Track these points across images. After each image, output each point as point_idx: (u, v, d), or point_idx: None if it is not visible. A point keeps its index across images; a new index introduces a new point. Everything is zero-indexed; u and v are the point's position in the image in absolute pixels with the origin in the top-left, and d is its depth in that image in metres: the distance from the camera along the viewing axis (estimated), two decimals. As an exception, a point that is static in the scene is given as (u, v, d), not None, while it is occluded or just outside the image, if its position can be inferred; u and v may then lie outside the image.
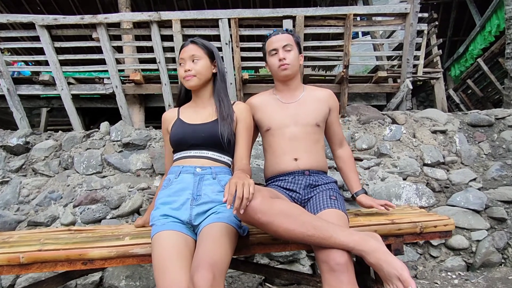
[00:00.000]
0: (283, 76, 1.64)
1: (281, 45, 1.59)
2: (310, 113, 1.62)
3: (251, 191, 1.09)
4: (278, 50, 1.60)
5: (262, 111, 1.68)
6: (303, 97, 1.68)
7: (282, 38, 1.60)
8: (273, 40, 1.61)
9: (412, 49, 3.29)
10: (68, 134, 2.87)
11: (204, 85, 1.55)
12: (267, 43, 1.65)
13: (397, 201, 2.49)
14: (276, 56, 1.61)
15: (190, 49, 1.51)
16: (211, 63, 1.56)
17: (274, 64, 1.62)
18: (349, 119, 2.99)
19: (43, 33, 2.95)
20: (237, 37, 3.11)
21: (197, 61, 1.51)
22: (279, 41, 1.59)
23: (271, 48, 1.61)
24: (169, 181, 1.43)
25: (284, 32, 1.62)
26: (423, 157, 2.64)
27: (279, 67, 1.61)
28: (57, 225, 2.41)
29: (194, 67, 1.50)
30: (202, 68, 1.51)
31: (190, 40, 1.54)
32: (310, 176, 1.53)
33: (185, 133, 1.48)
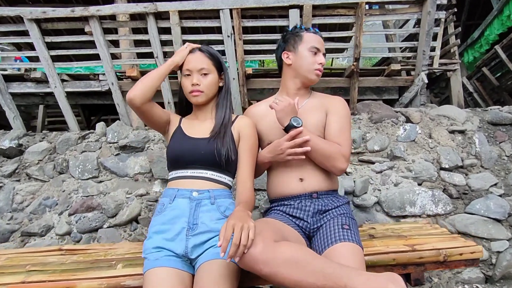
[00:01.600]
0: (314, 80, 1.49)
1: (323, 50, 1.47)
2: (313, 123, 1.44)
3: (250, 237, 0.94)
4: (320, 52, 1.46)
5: (263, 122, 1.50)
6: (306, 105, 1.50)
7: (323, 43, 1.50)
8: (316, 38, 1.47)
9: (429, 40, 3.04)
10: (62, 136, 2.72)
11: (209, 100, 1.42)
12: (306, 34, 1.47)
13: (411, 208, 2.33)
14: (315, 57, 1.45)
15: (198, 60, 1.36)
16: (218, 76, 1.42)
17: (312, 62, 1.45)
18: (359, 117, 2.80)
19: (32, 27, 2.75)
20: (239, 28, 2.88)
21: (206, 76, 1.36)
22: (321, 44, 1.47)
23: (314, 45, 1.45)
24: (163, 206, 1.29)
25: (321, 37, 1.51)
26: (440, 160, 2.46)
27: (316, 70, 1.46)
28: (51, 235, 2.29)
29: (203, 81, 1.36)
30: (210, 84, 1.37)
31: (198, 49, 1.39)
32: (319, 200, 1.37)
33: (183, 149, 1.33)
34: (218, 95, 1.44)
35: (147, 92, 1.31)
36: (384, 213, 2.36)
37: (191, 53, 1.38)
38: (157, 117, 1.39)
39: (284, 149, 1.28)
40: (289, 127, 1.30)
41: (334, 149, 1.34)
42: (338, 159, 1.33)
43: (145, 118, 1.38)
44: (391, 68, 3.14)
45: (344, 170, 1.35)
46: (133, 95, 1.28)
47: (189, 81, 1.36)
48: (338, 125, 1.42)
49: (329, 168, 1.35)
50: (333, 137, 1.39)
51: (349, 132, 1.43)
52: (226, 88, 1.45)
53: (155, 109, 1.38)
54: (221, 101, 1.42)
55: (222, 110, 1.40)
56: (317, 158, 1.35)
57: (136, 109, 1.31)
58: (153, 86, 1.33)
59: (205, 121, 1.42)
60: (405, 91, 3.37)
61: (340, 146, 1.36)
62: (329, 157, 1.33)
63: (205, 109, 1.43)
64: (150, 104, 1.34)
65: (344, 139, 1.38)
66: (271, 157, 1.36)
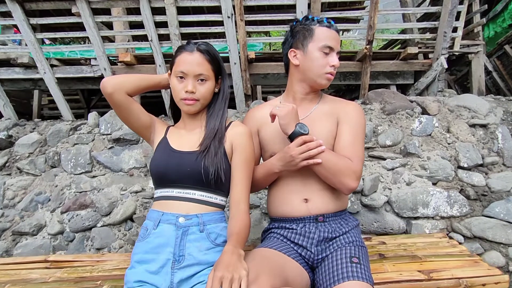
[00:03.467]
0: (324, 85, 1.28)
1: (337, 47, 1.24)
2: (322, 133, 1.24)
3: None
4: (333, 53, 1.23)
5: (267, 129, 1.31)
6: (315, 112, 1.30)
7: (338, 38, 1.27)
8: (331, 34, 1.24)
9: (451, 20, 2.74)
10: (53, 128, 2.57)
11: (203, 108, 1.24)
12: (317, 30, 1.23)
13: (424, 210, 2.16)
14: (327, 58, 1.23)
15: (196, 63, 1.15)
16: (216, 81, 1.22)
17: (322, 65, 1.23)
18: (371, 107, 2.57)
19: (15, 8, 2.52)
20: (241, 8, 2.61)
21: (203, 83, 1.17)
22: (336, 41, 1.24)
23: (327, 44, 1.22)
24: (146, 231, 1.14)
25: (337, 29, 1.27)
26: (459, 158, 2.25)
27: (327, 74, 1.24)
28: (43, 235, 2.20)
29: (200, 89, 1.16)
30: (207, 92, 1.18)
31: (197, 48, 1.16)
32: (325, 224, 1.20)
33: (168, 165, 1.16)
34: (212, 102, 1.24)
35: (125, 83, 1.16)
36: (395, 214, 2.21)
37: (187, 52, 1.16)
38: (135, 116, 1.22)
39: (295, 155, 1.11)
40: (295, 134, 1.12)
41: (344, 164, 1.15)
42: (347, 176, 1.14)
43: (121, 114, 1.21)
44: (407, 51, 2.86)
45: (353, 189, 1.16)
46: (107, 80, 1.15)
47: (183, 86, 1.15)
48: (351, 137, 1.21)
49: (337, 185, 1.17)
50: (344, 150, 1.20)
51: (362, 145, 1.23)
52: (223, 95, 1.25)
53: (134, 106, 1.20)
54: (215, 110, 1.22)
55: (215, 120, 1.20)
56: (323, 174, 1.16)
57: (108, 97, 1.15)
58: (134, 82, 1.19)
59: (193, 131, 1.23)
60: (422, 75, 3.10)
61: (351, 161, 1.17)
62: (337, 173, 1.14)
63: (196, 118, 1.25)
64: (127, 98, 1.17)
65: (356, 154, 1.19)
66: (282, 165, 1.18)
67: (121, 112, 1.20)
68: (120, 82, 1.16)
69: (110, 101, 1.17)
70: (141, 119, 1.23)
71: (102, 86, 1.14)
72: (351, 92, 4.47)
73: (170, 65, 1.22)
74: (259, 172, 1.26)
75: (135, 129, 1.26)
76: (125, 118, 1.22)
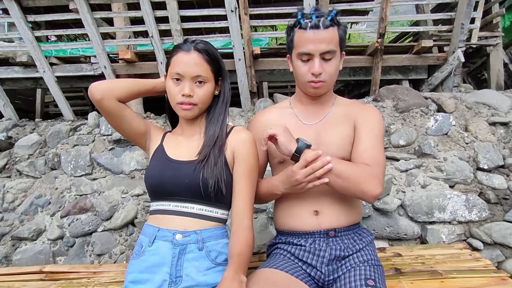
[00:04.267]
0: (313, 93, 1.15)
1: (319, 51, 1.06)
2: (336, 140, 1.13)
3: None
4: (314, 58, 1.07)
5: None
6: (330, 115, 1.18)
7: (324, 37, 1.05)
8: (308, 37, 1.06)
9: (470, 10, 2.56)
10: (53, 128, 2.49)
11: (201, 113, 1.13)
12: (296, 35, 1.10)
13: (440, 214, 2.04)
14: (307, 65, 1.09)
15: (194, 64, 1.03)
16: (215, 83, 1.10)
17: (302, 74, 1.11)
18: (383, 104, 2.43)
19: (12, 5, 2.44)
20: (245, 2, 2.48)
21: (201, 85, 1.05)
22: (319, 42, 1.05)
23: (303, 50, 1.07)
24: (141, 248, 1.04)
25: (327, 24, 1.05)
26: (478, 159, 2.11)
27: (309, 82, 1.10)
28: (43, 240, 2.14)
29: (197, 92, 1.05)
30: (206, 95, 1.07)
31: (194, 47, 1.05)
32: (337, 240, 1.09)
33: (164, 176, 1.06)
34: (211, 106, 1.14)
35: (115, 89, 1.07)
36: (408, 218, 2.09)
37: (184, 51, 1.05)
38: (127, 123, 1.12)
39: (301, 178, 0.98)
40: (301, 149, 1.00)
41: (362, 171, 1.01)
42: (368, 182, 0.99)
43: (112, 122, 1.12)
44: (421, 44, 2.70)
45: (377, 195, 1.00)
46: (95, 85, 1.05)
47: (179, 89, 1.04)
48: (370, 141, 1.09)
49: (358, 195, 1.02)
50: (363, 155, 1.07)
51: (382, 150, 1.10)
52: (223, 99, 1.14)
53: (126, 113, 1.11)
54: (215, 115, 1.12)
55: (215, 126, 1.10)
56: (341, 185, 1.00)
57: (97, 103, 1.06)
58: (125, 88, 1.09)
59: (192, 137, 1.13)
60: (436, 70, 2.94)
61: (369, 166, 1.03)
62: (356, 182, 0.99)
63: (194, 123, 1.14)
64: (117, 105, 1.07)
65: (375, 158, 1.06)
66: (286, 188, 1.06)
67: (112, 119, 1.10)
68: (109, 87, 1.06)
69: (99, 108, 1.07)
70: (134, 126, 1.13)
71: (90, 92, 1.04)
72: (360, 87, 4.31)
73: (165, 66, 1.11)
74: (262, 188, 1.15)
75: (129, 136, 1.17)
76: (117, 125, 1.13)
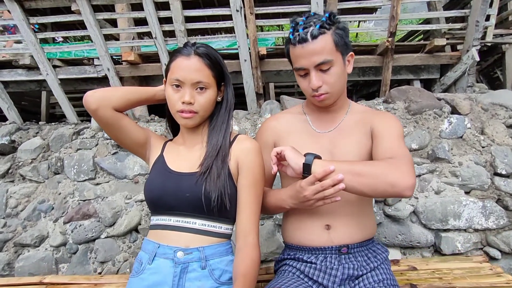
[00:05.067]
0: (321, 105, 1.09)
1: (312, 64, 0.98)
2: (352, 148, 1.06)
3: None
4: (310, 72, 1.00)
5: (286, 140, 1.13)
6: (344, 123, 1.11)
7: (314, 49, 0.97)
8: (298, 52, 0.99)
9: (485, 7, 2.46)
10: (56, 132, 2.45)
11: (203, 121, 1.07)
12: (290, 50, 1.04)
13: (455, 221, 1.95)
14: (306, 80, 1.02)
15: (194, 69, 0.97)
16: (218, 89, 1.03)
17: (304, 89, 1.06)
18: (394, 106, 2.34)
19: (14, 7, 2.40)
20: (250, 1, 2.41)
21: (202, 92, 0.99)
22: (309, 55, 0.98)
23: (296, 66, 1.02)
24: (140, 265, 0.98)
25: (315, 34, 0.96)
26: (495, 163, 2.01)
27: (313, 96, 1.05)
28: (46, 247, 2.10)
29: (198, 99, 0.99)
30: (207, 103, 1.00)
31: (194, 51, 0.98)
32: (349, 257, 1.02)
33: (164, 189, 1.00)
34: (214, 113, 1.07)
35: (111, 97, 1.01)
36: (422, 225, 2.00)
37: (183, 56, 0.98)
38: (126, 134, 1.06)
39: (310, 195, 0.91)
40: (309, 161, 0.91)
41: (385, 163, 0.91)
42: (396, 171, 0.87)
43: (110, 133, 1.07)
44: (434, 43, 2.60)
45: (411, 186, 0.86)
46: (90, 94, 1.00)
47: (179, 96, 0.98)
48: (389, 142, 0.99)
49: (390, 190, 0.87)
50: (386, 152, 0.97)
51: (405, 146, 0.99)
52: (226, 105, 1.07)
53: (123, 123, 1.04)
54: (218, 123, 1.05)
55: (218, 135, 1.03)
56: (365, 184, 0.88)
57: (93, 113, 1.00)
58: (122, 96, 1.03)
59: (194, 147, 1.07)
60: (449, 69, 2.84)
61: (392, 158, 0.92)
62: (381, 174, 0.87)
63: (196, 132, 1.08)
64: (114, 114, 1.02)
65: (398, 152, 0.95)
66: (294, 203, 0.99)
67: (109, 130, 1.04)
68: (105, 96, 1.00)
69: (95, 118, 1.01)
70: (133, 137, 1.07)
71: (84, 101, 0.98)
72: (369, 86, 4.21)
73: (165, 72, 1.05)
74: (270, 200, 1.07)
75: (128, 147, 1.11)
76: (115, 136, 1.07)
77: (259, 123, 2.34)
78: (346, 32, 1.02)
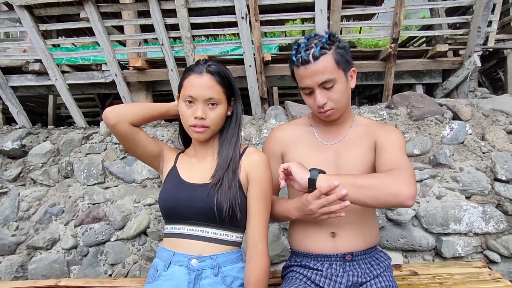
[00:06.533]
0: (328, 120, 1.15)
1: (316, 83, 1.04)
2: (356, 161, 1.11)
3: None
4: (314, 90, 1.06)
5: (293, 152, 1.19)
6: (349, 135, 1.17)
7: (317, 69, 1.03)
8: (302, 73, 1.06)
9: (487, 13, 2.49)
10: (66, 137, 2.51)
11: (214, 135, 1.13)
12: (294, 71, 1.11)
13: (456, 226, 2.00)
14: (312, 97, 1.09)
15: (206, 86, 1.03)
16: (228, 104, 1.09)
17: (310, 106, 1.14)
18: (396, 112, 2.39)
19: (24, 14, 2.46)
20: (255, 8, 2.46)
21: (214, 107, 1.05)
22: (313, 75, 1.04)
23: (301, 85, 1.09)
24: (156, 272, 1.04)
25: (316, 56, 1.02)
26: (495, 169, 2.06)
27: (319, 113, 1.11)
28: (57, 249, 2.17)
29: (210, 115, 1.05)
30: (218, 118, 1.06)
31: (206, 69, 1.04)
32: (354, 265, 1.08)
33: (178, 200, 1.05)
34: (224, 127, 1.13)
35: (128, 113, 1.09)
36: (423, 229, 2.05)
37: (196, 74, 1.04)
38: (142, 147, 1.13)
39: (315, 209, 0.97)
40: (315, 175, 0.96)
41: (386, 175, 0.96)
42: (397, 182, 0.92)
43: (126, 146, 1.15)
44: (436, 49, 2.64)
45: (413, 195, 0.91)
46: (109, 110, 1.08)
47: (192, 111, 1.04)
48: (391, 153, 1.05)
49: (392, 201, 0.93)
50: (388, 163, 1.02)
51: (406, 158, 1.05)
52: (236, 120, 1.13)
53: (139, 136, 1.12)
54: (228, 137, 1.11)
55: (228, 148, 1.09)
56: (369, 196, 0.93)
57: (112, 128, 1.08)
58: (138, 112, 1.11)
59: (205, 159, 1.12)
60: (451, 74, 2.88)
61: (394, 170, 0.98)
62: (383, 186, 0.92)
63: (207, 145, 1.13)
64: (131, 129, 1.09)
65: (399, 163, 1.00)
66: (299, 215, 1.05)
67: (126, 143, 1.11)
68: (122, 112, 1.07)
69: (113, 132, 1.08)
70: (148, 150, 1.14)
71: (104, 117, 1.05)
72: (371, 88, 4.25)
73: (178, 88, 1.11)
74: (277, 209, 1.14)
75: (143, 159, 1.17)
76: (132, 149, 1.13)
77: (264, 128, 2.39)
78: (346, 50, 1.08)
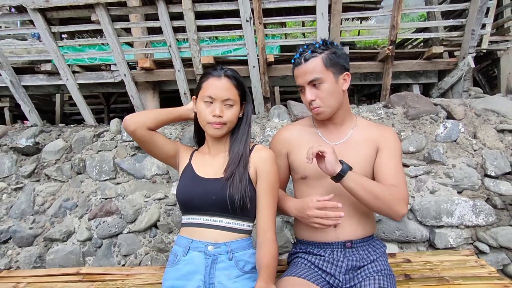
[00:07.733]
0: (318, 119, 1.30)
1: (306, 81, 1.20)
2: (358, 161, 1.23)
3: None
4: (304, 88, 1.22)
5: (298, 151, 1.31)
6: (352, 136, 1.29)
7: (306, 69, 1.19)
8: (296, 73, 1.24)
9: (480, 17, 2.61)
10: (77, 135, 2.63)
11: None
12: (294, 72, 1.26)
13: (448, 219, 2.13)
14: (305, 96, 1.24)
15: (224, 88, 1.17)
16: (240, 106, 1.23)
17: (304, 102, 1.28)
18: (393, 111, 2.51)
19: (37, 17, 2.56)
20: (259, 12, 2.57)
21: (230, 107, 1.19)
22: (303, 75, 1.20)
23: (297, 83, 1.26)
24: (176, 257, 1.17)
25: (307, 58, 1.18)
26: (485, 166, 2.19)
27: (311, 110, 1.26)
28: (73, 241, 2.29)
29: (227, 114, 1.18)
30: (233, 116, 1.20)
31: (224, 73, 1.19)
32: (353, 251, 1.21)
33: (194, 193, 1.18)
34: (235, 127, 1.25)
35: (146, 120, 1.24)
36: (417, 222, 2.18)
37: (215, 77, 1.18)
38: (159, 148, 1.28)
39: (311, 216, 1.12)
40: (345, 171, 1.10)
41: (392, 193, 1.14)
42: (400, 204, 1.13)
43: (146, 148, 1.29)
44: (432, 50, 2.76)
45: (404, 215, 1.15)
46: (128, 118, 1.23)
47: (210, 110, 1.17)
48: (394, 164, 1.22)
49: (389, 214, 1.15)
50: (389, 178, 1.18)
51: (403, 170, 1.25)
52: (246, 120, 1.26)
53: (157, 139, 1.27)
54: (239, 135, 1.24)
55: (239, 145, 1.22)
56: (375, 205, 1.12)
57: (131, 134, 1.23)
58: (154, 118, 1.26)
59: (218, 155, 1.25)
60: (446, 74, 3.00)
61: (397, 187, 1.16)
62: (390, 204, 1.12)
63: (220, 142, 1.26)
64: (149, 133, 1.25)
65: (401, 180, 1.19)
66: (296, 214, 1.22)
67: (146, 146, 1.26)
68: (141, 119, 1.22)
69: (133, 137, 1.22)
70: (165, 151, 1.28)
71: (124, 125, 1.21)
72: (369, 87, 4.37)
73: (195, 90, 1.23)
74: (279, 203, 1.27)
75: (162, 159, 1.31)
76: (151, 151, 1.28)
77: (268, 126, 2.51)
78: (339, 55, 1.21)
